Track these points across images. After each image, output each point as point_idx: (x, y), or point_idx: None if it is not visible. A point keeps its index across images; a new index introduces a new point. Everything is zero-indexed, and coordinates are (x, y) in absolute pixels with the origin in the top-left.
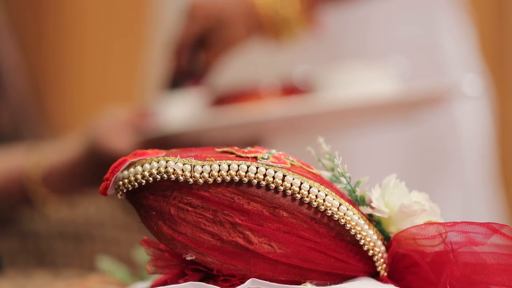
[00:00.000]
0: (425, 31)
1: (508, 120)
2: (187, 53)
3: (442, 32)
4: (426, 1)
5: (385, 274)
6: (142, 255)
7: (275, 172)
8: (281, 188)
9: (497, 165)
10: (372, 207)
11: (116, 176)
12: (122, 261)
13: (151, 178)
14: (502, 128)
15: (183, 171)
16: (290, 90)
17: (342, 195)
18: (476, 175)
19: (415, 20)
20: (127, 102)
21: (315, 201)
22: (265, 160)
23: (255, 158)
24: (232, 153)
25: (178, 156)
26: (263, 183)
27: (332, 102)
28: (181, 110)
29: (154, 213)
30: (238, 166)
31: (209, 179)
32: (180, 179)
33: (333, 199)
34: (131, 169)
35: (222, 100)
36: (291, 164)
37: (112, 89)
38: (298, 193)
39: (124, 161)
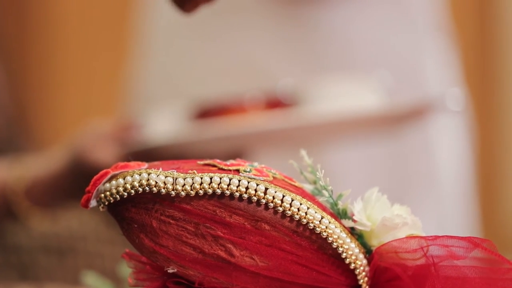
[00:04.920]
0: (408, 50)
1: (488, 138)
2: None
3: (425, 53)
4: (411, 21)
5: (367, 287)
6: (126, 269)
7: (257, 185)
8: (263, 201)
9: (475, 182)
10: (354, 220)
11: (97, 189)
12: (105, 276)
13: (133, 191)
14: (481, 146)
15: (165, 183)
16: (274, 103)
17: (324, 208)
18: (452, 192)
19: (399, 37)
20: (111, 115)
21: (297, 214)
22: (247, 173)
23: (237, 171)
24: (214, 165)
25: (160, 169)
26: (245, 196)
27: (316, 115)
28: (165, 123)
29: (136, 226)
30: (220, 179)
31: (191, 192)
32: (162, 192)
33: (315, 212)
34: (113, 182)
35: (206, 113)
36: (273, 177)
37: (95, 102)
38: (280, 206)
39: (106, 173)
